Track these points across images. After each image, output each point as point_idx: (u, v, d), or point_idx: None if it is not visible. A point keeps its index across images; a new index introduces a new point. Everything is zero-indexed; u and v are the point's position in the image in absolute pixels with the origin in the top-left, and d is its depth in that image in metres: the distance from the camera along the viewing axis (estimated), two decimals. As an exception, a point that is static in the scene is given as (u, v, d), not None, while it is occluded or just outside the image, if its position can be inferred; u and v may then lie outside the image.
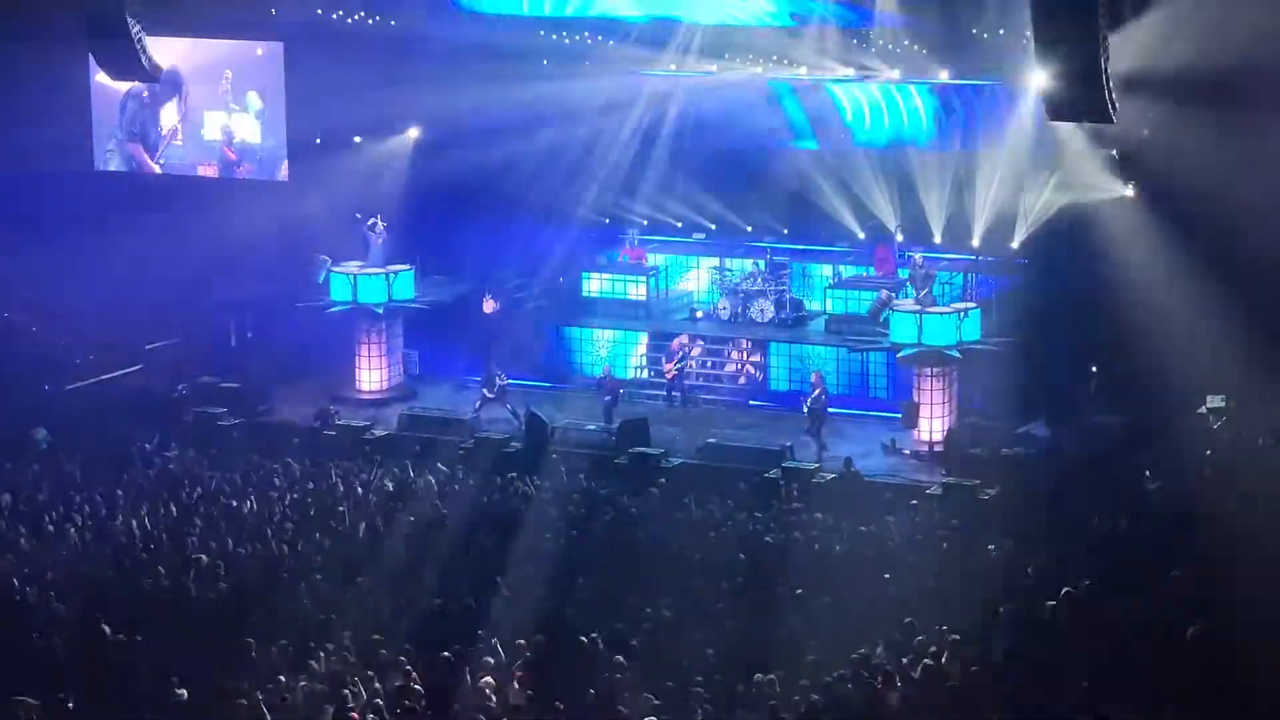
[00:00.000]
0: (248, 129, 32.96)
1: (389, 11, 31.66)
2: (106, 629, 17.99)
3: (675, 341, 31.01)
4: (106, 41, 22.31)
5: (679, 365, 30.62)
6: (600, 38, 31.31)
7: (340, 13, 31.75)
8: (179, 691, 16.24)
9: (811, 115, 32.52)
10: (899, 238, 31.50)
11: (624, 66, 31.39)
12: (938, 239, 31.18)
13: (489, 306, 32.27)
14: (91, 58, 25.35)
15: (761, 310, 31.64)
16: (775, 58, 30.80)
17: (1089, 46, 18.93)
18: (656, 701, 16.20)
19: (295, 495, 23.59)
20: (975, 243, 30.26)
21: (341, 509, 22.88)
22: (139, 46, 22.02)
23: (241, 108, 32.91)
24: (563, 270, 33.06)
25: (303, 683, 16.64)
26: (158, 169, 33.50)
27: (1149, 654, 16.97)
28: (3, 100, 31.87)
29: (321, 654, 17.45)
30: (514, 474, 25.02)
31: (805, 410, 28.03)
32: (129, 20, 21.69)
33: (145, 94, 32.86)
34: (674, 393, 30.62)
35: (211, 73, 32.92)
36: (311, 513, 22.83)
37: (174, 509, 22.96)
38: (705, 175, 32.79)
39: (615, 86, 31.66)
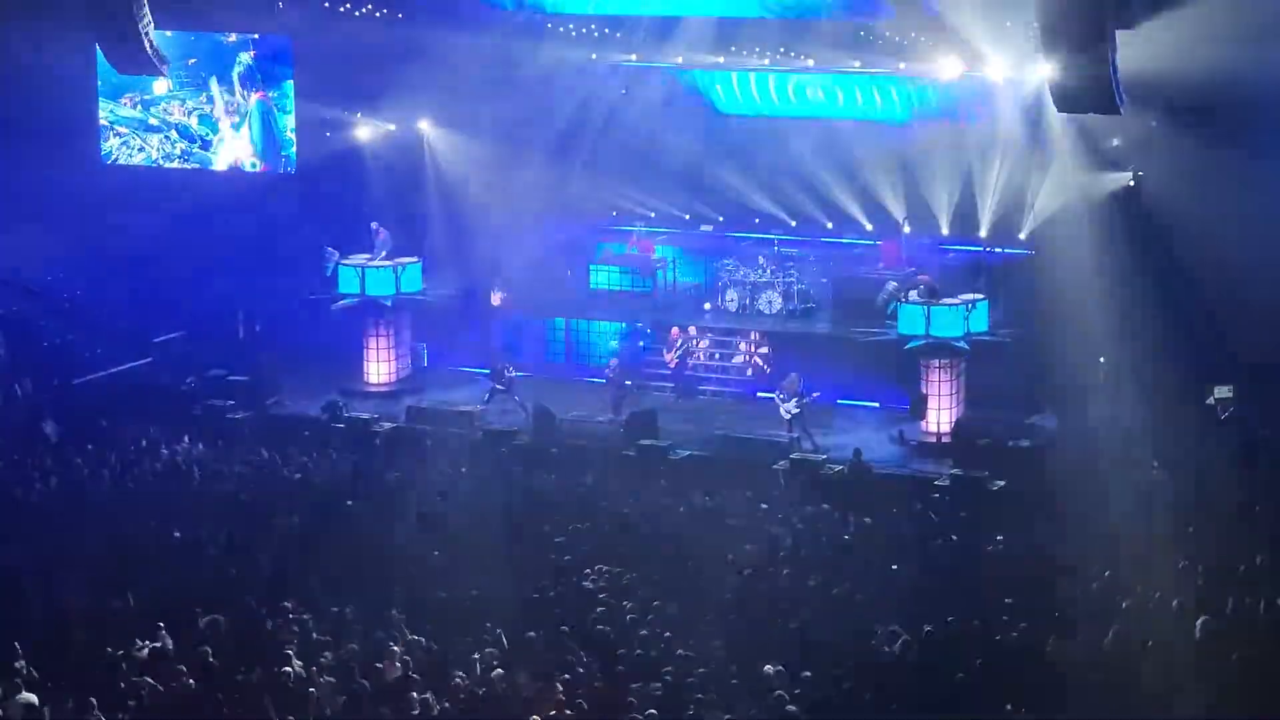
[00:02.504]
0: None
1: (396, 5, 31.64)
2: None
3: (674, 330, 30.99)
4: (112, 34, 22.30)
5: (679, 354, 30.61)
6: (608, 30, 31.28)
7: (347, 5, 31.74)
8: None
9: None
10: (906, 229, 31.47)
11: (631, 59, 31.38)
12: (945, 230, 31.15)
13: (497, 299, 32.26)
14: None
15: (769, 301, 31.61)
16: (783, 50, 30.74)
17: (1097, 38, 18.93)
18: (662, 693, 16.22)
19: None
20: (983, 233, 30.25)
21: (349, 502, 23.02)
22: (145, 39, 22.02)
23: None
24: (571, 263, 33.03)
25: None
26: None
27: (1157, 645, 16.98)
28: (11, 92, 31.91)
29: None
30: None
31: (794, 413, 27.80)
32: (135, 12, 21.68)
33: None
34: (677, 383, 30.59)
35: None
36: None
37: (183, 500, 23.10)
38: (711, 168, 32.70)
39: (622, 79, 31.64)
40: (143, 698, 16.13)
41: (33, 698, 15.86)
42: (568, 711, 15.87)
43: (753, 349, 31.13)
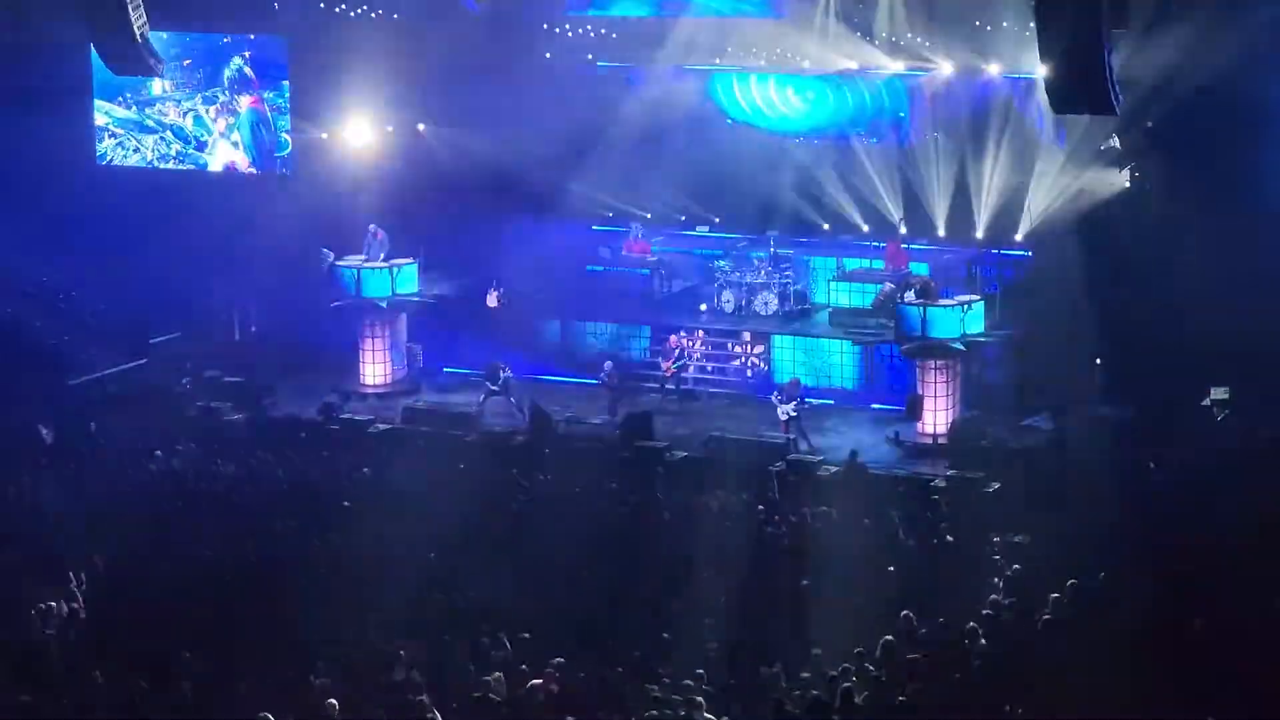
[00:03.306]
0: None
1: (392, 5, 31.60)
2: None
3: (672, 338, 30.94)
4: (108, 34, 22.22)
5: (677, 364, 30.56)
6: (603, 31, 31.26)
7: (343, 6, 31.72)
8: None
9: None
10: (903, 230, 31.43)
11: (626, 60, 31.38)
12: (941, 231, 31.14)
13: (493, 300, 32.24)
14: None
15: (765, 303, 31.57)
16: (779, 51, 30.74)
17: (1092, 38, 18.89)
18: (658, 694, 16.20)
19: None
20: (979, 235, 30.25)
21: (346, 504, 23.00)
22: (141, 39, 21.95)
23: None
24: (567, 264, 32.97)
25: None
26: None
27: (1154, 646, 16.96)
28: (4, 92, 31.85)
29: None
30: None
31: (791, 415, 27.81)
32: (131, 12, 21.62)
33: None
34: (669, 385, 30.55)
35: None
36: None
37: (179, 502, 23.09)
38: (707, 168, 32.64)
39: (619, 80, 31.62)
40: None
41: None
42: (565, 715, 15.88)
43: (749, 350, 31.11)
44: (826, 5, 29.68)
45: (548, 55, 31.26)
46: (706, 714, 15.85)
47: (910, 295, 28.38)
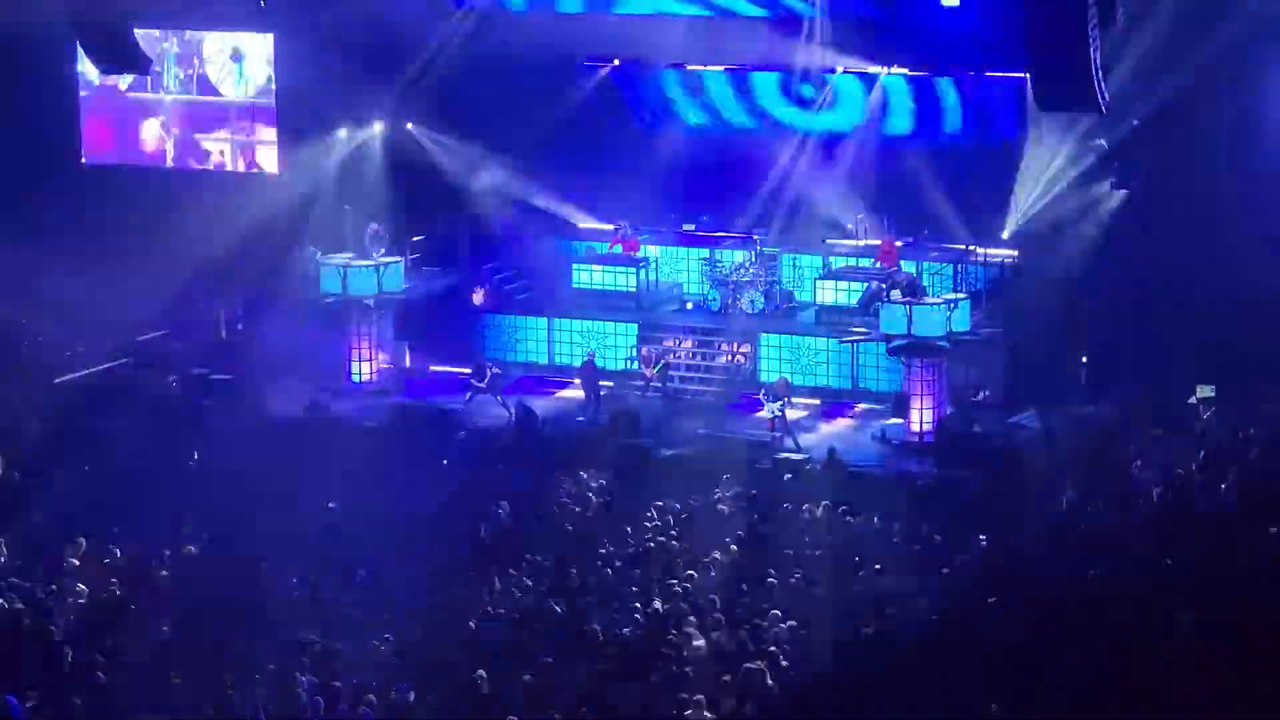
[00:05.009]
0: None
1: (379, 2, 31.56)
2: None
3: (644, 350, 30.96)
4: (94, 31, 22.18)
5: (658, 368, 30.57)
6: (592, 29, 31.24)
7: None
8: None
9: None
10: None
11: (611, 57, 31.41)
12: (928, 231, 31.15)
13: (478, 298, 32.26)
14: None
15: (751, 301, 31.57)
16: (767, 49, 30.75)
17: (1079, 37, 18.95)
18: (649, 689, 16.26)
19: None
20: (966, 234, 30.28)
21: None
22: (128, 37, 21.93)
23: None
24: (552, 261, 33.01)
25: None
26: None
27: (1142, 640, 17.03)
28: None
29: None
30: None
31: (777, 414, 27.87)
32: (117, 9, 21.61)
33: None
34: (655, 385, 30.57)
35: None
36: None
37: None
38: (695, 166, 32.64)
39: (604, 78, 31.63)
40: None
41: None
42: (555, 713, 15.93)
43: (735, 348, 31.12)
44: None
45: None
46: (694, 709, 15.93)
47: (896, 294, 28.42)
